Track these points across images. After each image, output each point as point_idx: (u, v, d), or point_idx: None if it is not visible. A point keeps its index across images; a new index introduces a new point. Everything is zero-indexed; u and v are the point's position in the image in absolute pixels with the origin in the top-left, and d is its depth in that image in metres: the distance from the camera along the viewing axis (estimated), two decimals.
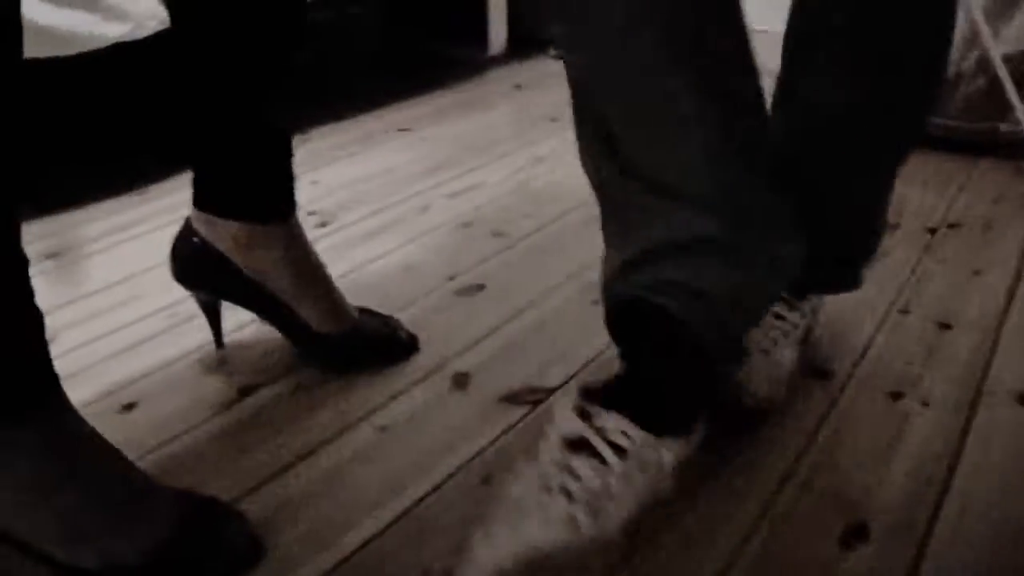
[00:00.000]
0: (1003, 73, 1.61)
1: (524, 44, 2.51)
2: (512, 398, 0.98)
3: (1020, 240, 1.37)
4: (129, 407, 0.97)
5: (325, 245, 1.35)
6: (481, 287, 1.23)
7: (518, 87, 2.25)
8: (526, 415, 0.95)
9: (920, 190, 1.56)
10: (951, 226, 1.42)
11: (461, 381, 1.01)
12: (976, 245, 1.36)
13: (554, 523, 0.68)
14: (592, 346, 1.07)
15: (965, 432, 0.92)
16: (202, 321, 1.05)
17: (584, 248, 1.33)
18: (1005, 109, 1.64)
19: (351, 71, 2.17)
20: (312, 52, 1.93)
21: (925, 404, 0.97)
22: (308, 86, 2.00)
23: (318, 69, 1.96)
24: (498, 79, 2.33)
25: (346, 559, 0.76)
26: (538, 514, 0.69)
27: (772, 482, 0.84)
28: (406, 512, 0.81)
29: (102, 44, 1.43)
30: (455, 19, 2.33)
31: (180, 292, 1.03)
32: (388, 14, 2.14)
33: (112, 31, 1.45)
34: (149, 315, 1.15)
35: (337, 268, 1.26)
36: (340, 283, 1.13)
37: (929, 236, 1.38)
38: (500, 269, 1.28)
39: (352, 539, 0.78)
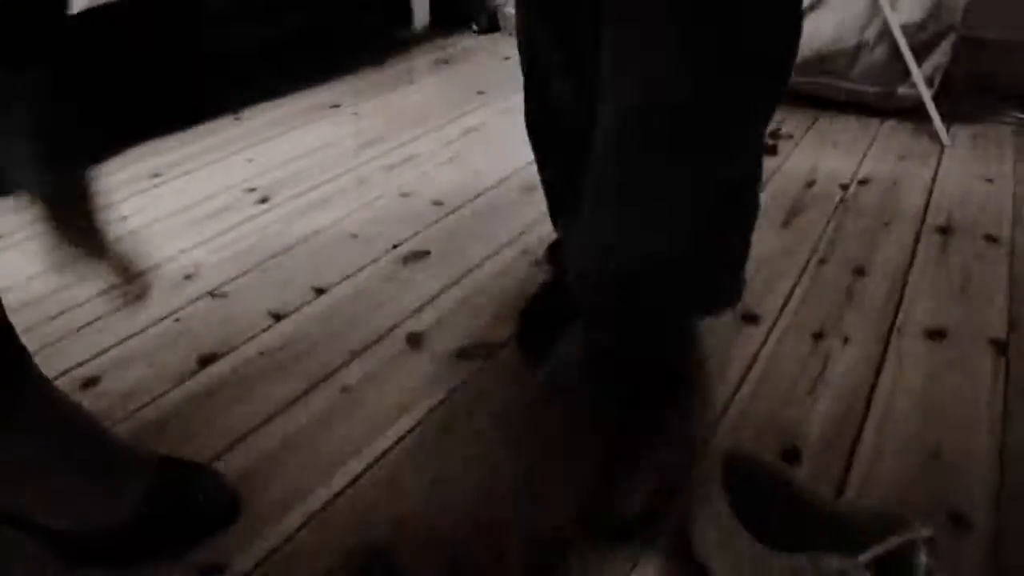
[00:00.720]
0: (902, 41, 1.72)
1: (447, 20, 2.54)
2: (464, 354, 1.03)
3: (923, 193, 1.48)
4: (91, 383, 0.98)
5: (266, 220, 1.37)
6: (426, 253, 1.27)
7: (444, 62, 2.28)
8: (479, 368, 1.00)
9: (831, 150, 1.66)
10: (861, 182, 1.52)
11: (415, 341, 1.06)
12: (885, 199, 1.46)
13: None
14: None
15: (881, 364, 1.01)
16: (155, 297, 1.07)
17: (522, 212, 1.39)
18: (903, 74, 1.75)
19: (277, 50, 2.17)
20: (240, 32, 1.93)
21: (845, 341, 1.05)
22: (238, 67, 2.00)
23: (246, 49, 1.97)
24: (423, 54, 2.35)
25: (320, 510, 0.80)
26: None
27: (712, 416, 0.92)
28: (375, 463, 0.86)
29: None
30: None
31: None
32: None
33: None
34: (101, 293, 1.16)
35: (280, 242, 1.30)
36: (284, 258, 1.15)
37: (842, 192, 1.48)
38: (442, 236, 1.32)
39: (323, 493, 0.82)
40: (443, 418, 0.92)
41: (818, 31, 1.77)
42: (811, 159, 1.61)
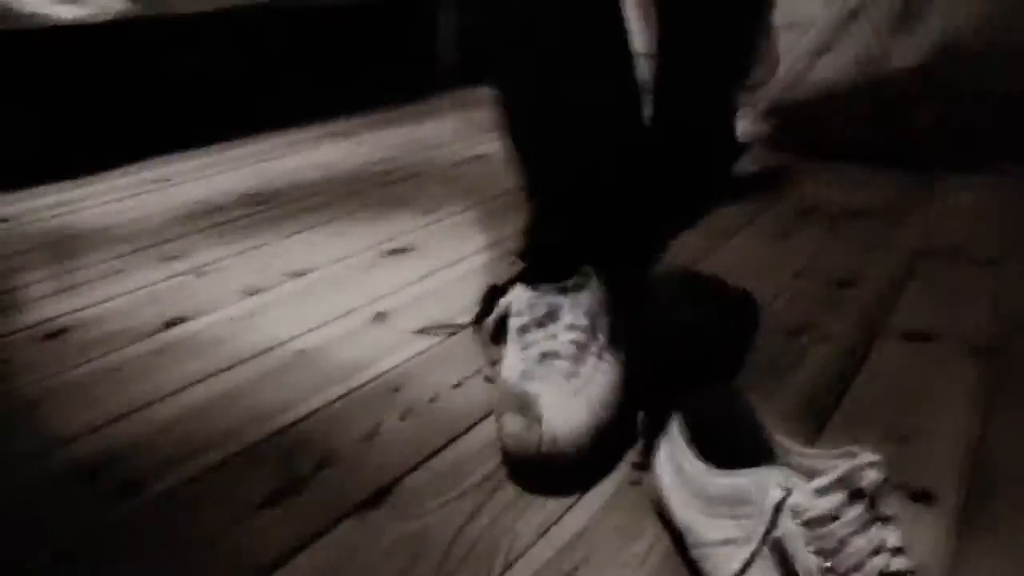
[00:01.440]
0: None
1: (475, 67, 2.60)
2: (427, 330, 1.02)
3: (919, 227, 1.45)
4: (58, 333, 1.01)
5: (261, 218, 1.39)
6: (410, 249, 1.27)
7: (463, 105, 2.33)
8: (440, 343, 0.99)
9: (826, 188, 1.64)
10: (854, 214, 1.50)
11: (380, 317, 1.05)
12: (877, 229, 1.43)
13: None
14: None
15: (862, 360, 0.98)
16: (133, 274, 1.09)
17: (507, 225, 1.39)
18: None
19: (304, 85, 2.24)
20: (265, 67, 2.01)
21: (825, 339, 1.02)
22: (259, 98, 2.07)
23: (270, 82, 2.04)
24: (444, 99, 2.41)
25: (252, 446, 0.79)
26: None
27: None
28: (315, 412, 0.84)
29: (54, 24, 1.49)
30: (407, 41, 2.41)
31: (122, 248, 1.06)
32: (343, 35, 2.22)
33: (67, 13, 1.51)
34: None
35: (268, 235, 1.32)
36: (267, 248, 1.18)
37: (831, 221, 1.46)
38: (428, 238, 1.33)
39: (254, 433, 0.81)
40: (396, 379, 0.91)
41: None
42: (810, 196, 1.60)
